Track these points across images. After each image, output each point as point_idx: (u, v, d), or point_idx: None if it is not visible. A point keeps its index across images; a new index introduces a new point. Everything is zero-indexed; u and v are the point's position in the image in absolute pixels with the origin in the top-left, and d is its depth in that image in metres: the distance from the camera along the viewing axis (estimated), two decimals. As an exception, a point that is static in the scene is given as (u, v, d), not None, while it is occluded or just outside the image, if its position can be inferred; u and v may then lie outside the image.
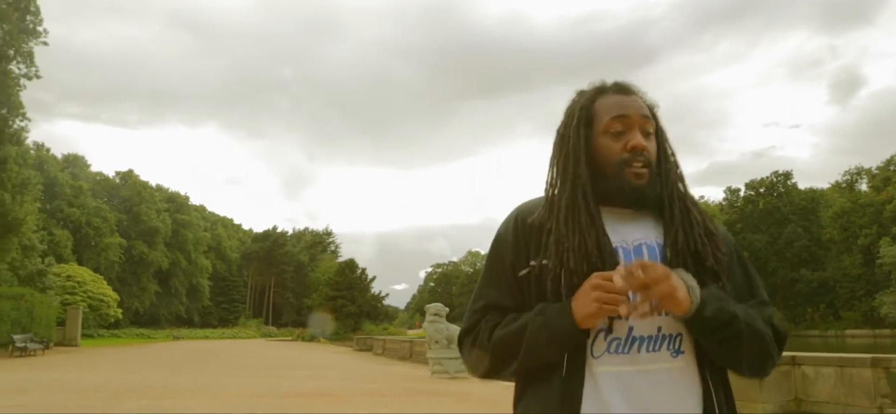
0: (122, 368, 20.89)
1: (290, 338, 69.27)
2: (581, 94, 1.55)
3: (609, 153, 1.46)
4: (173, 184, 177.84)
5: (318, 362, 26.97)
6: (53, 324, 35.75)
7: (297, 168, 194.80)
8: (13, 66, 35.80)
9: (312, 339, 60.68)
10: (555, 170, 1.54)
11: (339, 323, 59.63)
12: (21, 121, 36.82)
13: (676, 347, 1.39)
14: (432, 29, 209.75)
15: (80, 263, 60.71)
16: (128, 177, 79.83)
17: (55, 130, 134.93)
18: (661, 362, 1.37)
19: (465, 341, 1.53)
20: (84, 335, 49.42)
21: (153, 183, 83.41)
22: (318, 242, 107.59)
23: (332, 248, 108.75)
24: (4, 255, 36.47)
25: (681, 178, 1.53)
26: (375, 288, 66.82)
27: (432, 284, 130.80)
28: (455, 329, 19.37)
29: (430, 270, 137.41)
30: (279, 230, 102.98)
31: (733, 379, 1.46)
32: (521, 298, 1.46)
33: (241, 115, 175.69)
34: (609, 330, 1.37)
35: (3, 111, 35.58)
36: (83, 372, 18.48)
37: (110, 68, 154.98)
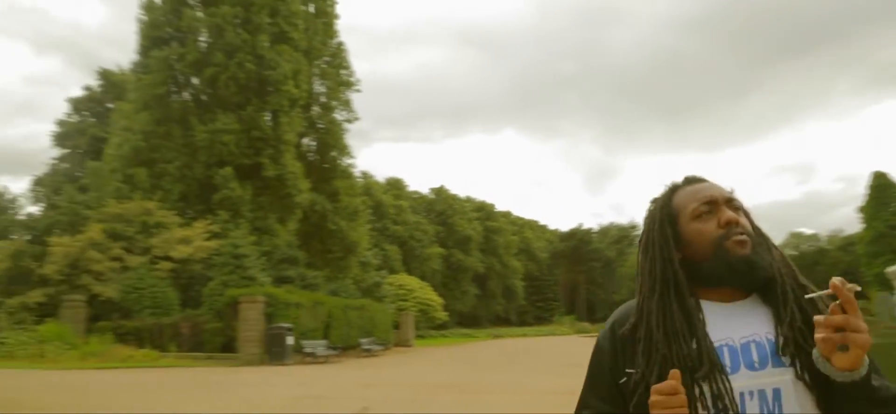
0: (442, 366, 23.94)
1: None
2: (655, 199, 1.48)
3: (702, 236, 1.36)
4: (480, 193, 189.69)
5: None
6: (390, 328, 41.32)
7: (596, 163, 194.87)
8: (336, 115, 42.54)
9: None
10: (642, 277, 1.43)
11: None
12: (347, 159, 43.50)
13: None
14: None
15: (408, 273, 68.74)
16: (440, 192, 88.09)
17: (374, 154, 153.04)
18: None
19: None
20: (417, 336, 56.04)
21: (462, 195, 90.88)
22: (625, 237, 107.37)
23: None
24: (347, 272, 43.24)
25: (785, 261, 1.41)
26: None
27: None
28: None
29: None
30: (584, 228, 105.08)
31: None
32: (624, 405, 1.35)
33: (534, 118, 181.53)
34: None
35: (334, 153, 42.39)
36: (411, 370, 21.69)
37: (414, 92, 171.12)
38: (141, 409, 10.86)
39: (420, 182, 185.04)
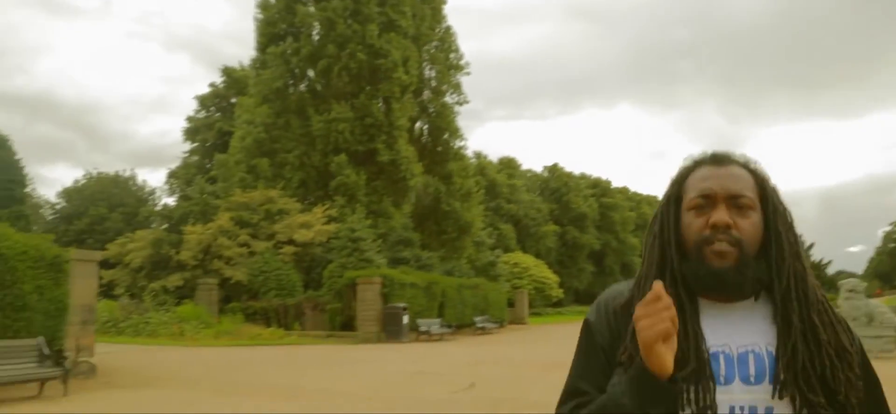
0: (552, 343, 24.11)
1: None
2: (681, 168, 1.38)
3: (689, 231, 1.27)
4: (595, 169, 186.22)
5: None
6: (504, 306, 41.75)
7: (718, 133, 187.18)
8: (447, 98, 43.17)
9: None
10: (643, 254, 1.40)
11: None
12: (459, 141, 44.07)
13: None
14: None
15: (523, 251, 68.91)
16: (554, 170, 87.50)
17: (488, 134, 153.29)
18: None
19: None
20: (532, 314, 56.23)
21: (577, 172, 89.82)
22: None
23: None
24: (462, 252, 43.98)
25: (801, 273, 1.27)
26: (819, 253, 61.59)
27: (893, 243, 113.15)
28: (875, 305, 17.93)
29: (889, 228, 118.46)
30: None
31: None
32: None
33: (650, 89, 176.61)
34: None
35: (446, 136, 43.10)
36: (522, 348, 22.00)
37: (525, 69, 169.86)
38: (270, 381, 11.77)
39: (533, 161, 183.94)
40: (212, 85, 58.65)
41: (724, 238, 1.21)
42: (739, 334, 1.22)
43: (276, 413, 8.94)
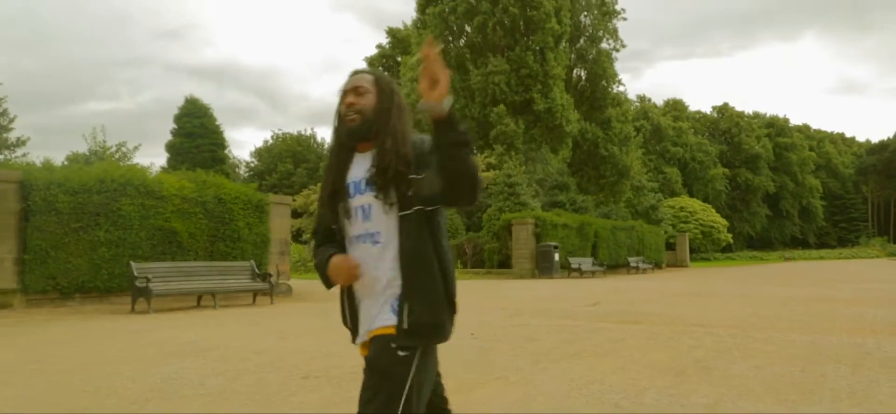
0: (701, 280, 24.86)
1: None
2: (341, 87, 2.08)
3: (341, 112, 2.02)
4: (770, 107, 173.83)
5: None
6: (662, 248, 42.13)
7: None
8: (603, 45, 43.64)
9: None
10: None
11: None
12: (618, 86, 44.50)
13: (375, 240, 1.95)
14: None
15: (690, 195, 67.64)
16: (724, 110, 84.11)
17: (656, 75, 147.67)
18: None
19: None
20: (700, 258, 55.65)
21: (749, 111, 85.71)
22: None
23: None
24: (620, 196, 44.69)
25: (393, 127, 1.95)
26: None
27: None
28: None
29: None
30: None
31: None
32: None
33: (841, 13, 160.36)
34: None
35: (603, 83, 43.70)
36: (666, 282, 23.03)
37: (697, 1, 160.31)
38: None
39: (703, 101, 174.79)
40: (379, 46, 62.67)
41: (352, 110, 1.97)
42: (360, 170, 1.97)
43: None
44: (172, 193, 13.57)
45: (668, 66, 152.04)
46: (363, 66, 51.67)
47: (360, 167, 1.96)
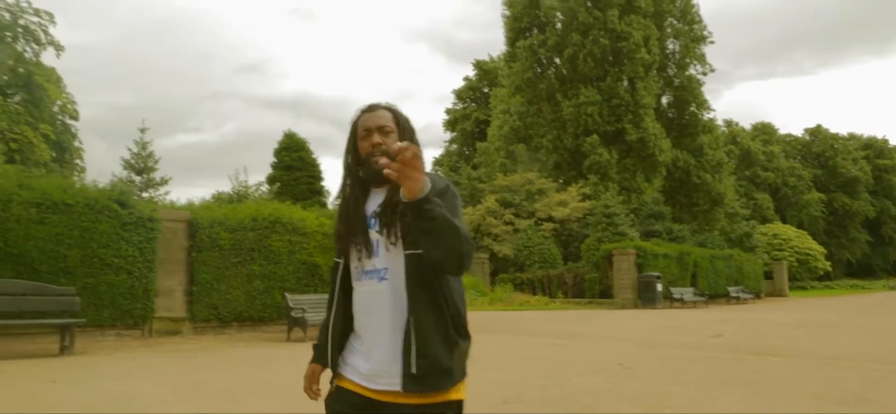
0: (806, 310, 24.56)
1: None
2: (354, 119, 2.05)
3: (363, 150, 1.98)
4: (866, 128, 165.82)
5: None
6: (760, 277, 41.25)
7: None
8: (691, 71, 43.54)
9: None
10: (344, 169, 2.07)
11: None
12: (707, 112, 44.21)
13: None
14: None
15: (783, 221, 65.74)
16: (816, 132, 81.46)
17: (737, 96, 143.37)
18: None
19: None
20: (796, 287, 54.01)
21: (844, 132, 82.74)
22: None
23: None
24: (714, 223, 44.19)
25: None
26: None
27: None
28: None
29: None
30: None
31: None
32: None
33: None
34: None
35: (693, 108, 43.52)
36: (775, 313, 22.89)
37: (777, 18, 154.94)
38: (549, 330, 14.69)
39: (791, 123, 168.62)
40: (466, 78, 64.11)
41: (380, 151, 1.92)
42: (374, 206, 1.96)
43: (562, 343, 11.77)
44: (314, 230, 14.70)
45: (749, 87, 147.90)
46: (439, 94, 53.29)
47: (372, 203, 1.98)
